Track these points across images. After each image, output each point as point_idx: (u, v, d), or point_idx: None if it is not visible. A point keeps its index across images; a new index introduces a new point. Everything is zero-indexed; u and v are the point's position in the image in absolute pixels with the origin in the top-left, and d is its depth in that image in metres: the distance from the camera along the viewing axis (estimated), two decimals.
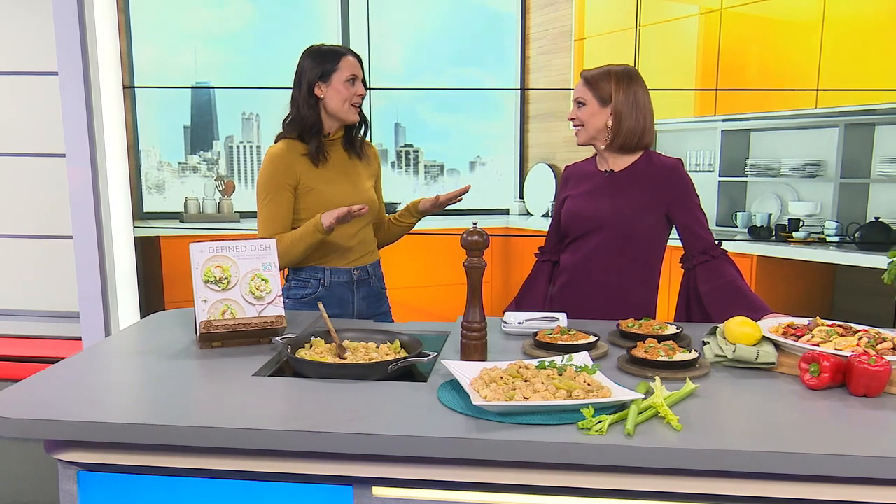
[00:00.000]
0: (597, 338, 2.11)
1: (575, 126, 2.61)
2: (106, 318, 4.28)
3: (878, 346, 1.89)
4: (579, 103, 2.58)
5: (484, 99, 4.13)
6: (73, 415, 1.64)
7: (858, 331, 2.01)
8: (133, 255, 4.32)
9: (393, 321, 2.82)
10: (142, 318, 3.69)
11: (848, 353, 1.81)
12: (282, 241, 2.49)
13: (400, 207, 2.88)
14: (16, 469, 3.63)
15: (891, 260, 2.12)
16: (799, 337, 1.99)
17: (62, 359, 2.04)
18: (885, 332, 1.98)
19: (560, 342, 2.07)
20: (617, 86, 2.52)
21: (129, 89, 4.22)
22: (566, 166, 2.77)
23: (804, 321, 2.11)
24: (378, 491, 1.64)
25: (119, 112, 4.21)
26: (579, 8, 3.98)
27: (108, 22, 4.13)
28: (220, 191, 4.30)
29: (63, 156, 4.18)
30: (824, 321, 2.08)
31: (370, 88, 2.71)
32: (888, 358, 1.77)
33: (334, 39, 3.55)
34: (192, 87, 4.24)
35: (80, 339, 4.30)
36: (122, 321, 4.30)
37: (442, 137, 4.19)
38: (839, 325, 2.05)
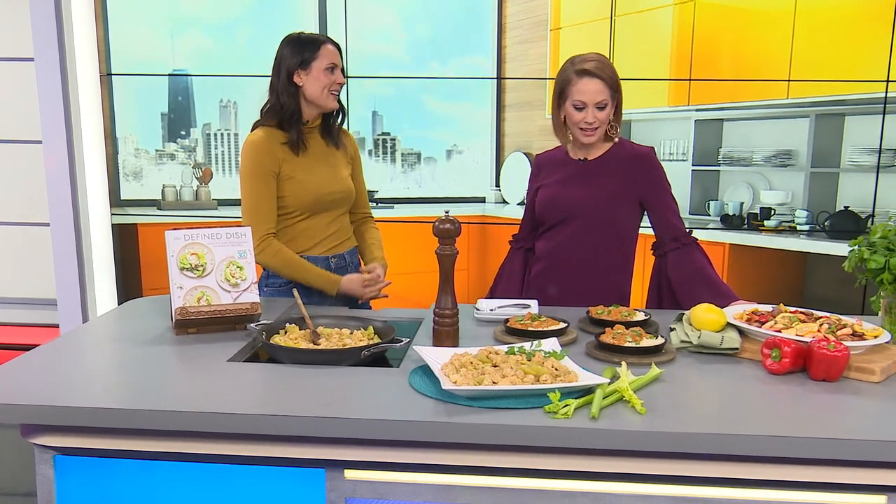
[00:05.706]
0: (566, 324, 2.15)
1: (593, 130, 2.50)
2: (83, 305, 4.28)
3: (838, 332, 1.93)
4: (599, 107, 2.47)
5: (460, 88, 4.16)
6: (49, 399, 1.66)
7: (820, 317, 2.05)
8: (110, 243, 4.33)
9: (371, 307, 2.84)
10: (119, 304, 3.70)
11: (808, 339, 1.85)
12: (292, 262, 2.58)
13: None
14: None
15: (851, 248, 2.17)
16: (762, 323, 2.03)
17: (39, 346, 2.05)
18: (845, 319, 2.02)
19: (530, 328, 2.11)
20: (617, 75, 2.51)
21: (106, 76, 4.21)
22: (537, 155, 2.78)
23: (768, 308, 2.16)
24: (350, 474, 1.67)
25: (96, 99, 4.20)
26: None
27: (84, 8, 4.12)
28: (197, 178, 4.30)
29: (40, 143, 4.17)
30: (788, 308, 2.12)
31: (347, 77, 2.71)
32: (847, 343, 1.82)
33: (312, 28, 3.56)
34: (169, 75, 4.24)
35: (57, 326, 4.30)
36: (100, 308, 4.30)
37: (419, 126, 4.21)
38: (801, 312, 2.09)
